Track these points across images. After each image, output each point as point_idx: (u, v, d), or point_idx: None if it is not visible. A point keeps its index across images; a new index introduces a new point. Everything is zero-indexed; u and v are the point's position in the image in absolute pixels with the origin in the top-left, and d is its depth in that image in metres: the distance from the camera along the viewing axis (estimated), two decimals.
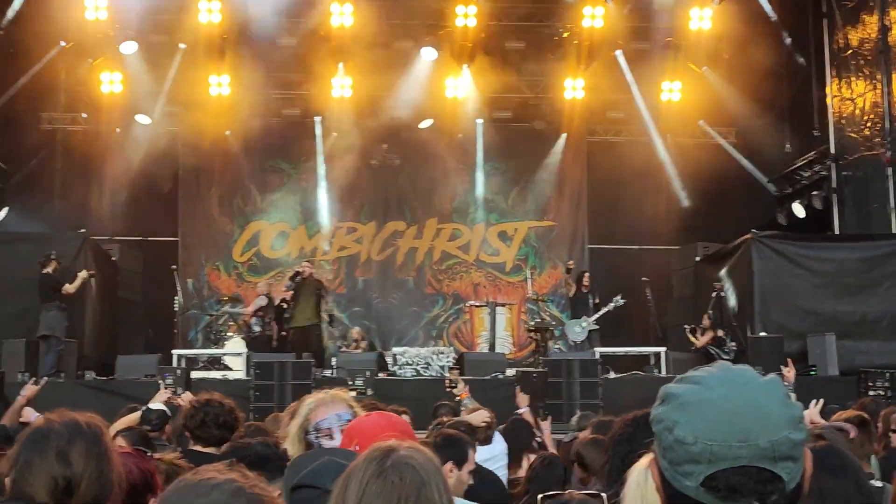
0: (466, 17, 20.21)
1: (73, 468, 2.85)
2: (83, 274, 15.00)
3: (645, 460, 1.81)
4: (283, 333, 17.49)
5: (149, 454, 3.13)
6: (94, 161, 21.16)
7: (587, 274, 18.35)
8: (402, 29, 20.94)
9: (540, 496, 3.23)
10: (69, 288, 14.75)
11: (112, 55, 20.47)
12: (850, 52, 18.48)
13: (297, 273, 16.76)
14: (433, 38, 20.80)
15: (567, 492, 3.29)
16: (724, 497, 1.64)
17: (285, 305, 17.42)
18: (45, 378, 11.43)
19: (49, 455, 2.88)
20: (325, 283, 18.12)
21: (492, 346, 18.05)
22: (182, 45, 20.54)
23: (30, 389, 7.85)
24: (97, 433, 3.01)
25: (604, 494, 2.88)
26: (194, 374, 14.42)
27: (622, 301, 16.88)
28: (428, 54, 20.81)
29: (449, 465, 4.87)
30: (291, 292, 16.94)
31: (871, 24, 17.63)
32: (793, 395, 1.73)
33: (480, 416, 7.93)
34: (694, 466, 1.64)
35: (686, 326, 16.29)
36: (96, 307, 16.40)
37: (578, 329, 16.97)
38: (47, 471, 2.85)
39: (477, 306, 19.96)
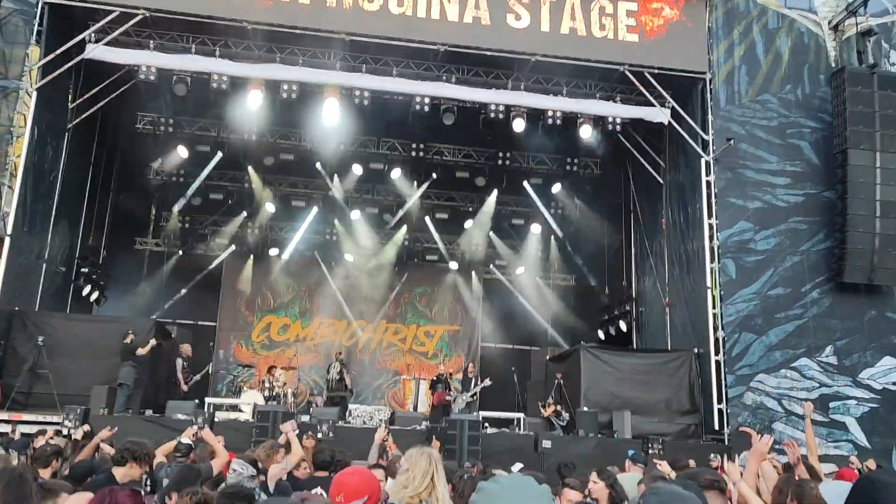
0: (411, 197, 20.70)
1: None
2: (152, 342, 14.47)
3: None
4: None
5: (142, 493, 2.88)
6: (163, 272, 21.02)
7: (471, 365, 18.33)
8: (372, 201, 21.34)
9: None
10: (142, 350, 14.17)
11: (184, 206, 20.49)
12: (645, 243, 19.00)
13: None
14: (390, 208, 21.20)
15: None
16: None
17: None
18: (116, 428, 11.05)
19: None
20: None
21: (415, 407, 17.87)
22: (230, 201, 20.67)
23: (104, 433, 7.29)
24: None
25: None
26: (218, 416, 14.09)
27: (489, 382, 16.44)
28: (386, 218, 21.19)
29: None
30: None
31: (659, 226, 18.24)
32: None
33: (380, 435, 7.68)
34: None
35: (540, 403, 16.17)
36: (157, 367, 15.97)
37: (461, 401, 16.71)
38: None
39: (407, 379, 19.85)
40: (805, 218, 15.69)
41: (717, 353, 15.14)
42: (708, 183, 15.77)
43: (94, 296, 19.13)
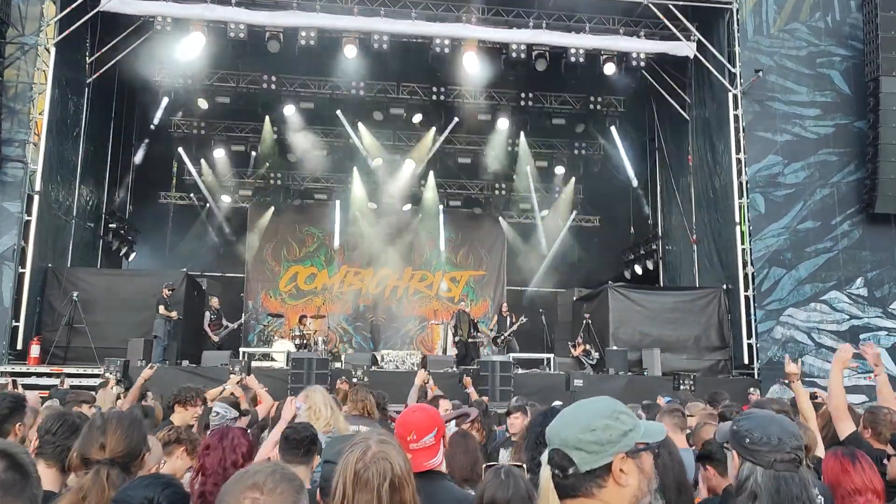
0: (434, 141, 20.49)
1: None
2: (174, 314, 14.45)
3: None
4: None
5: (248, 431, 2.95)
6: (192, 224, 21.13)
7: (505, 304, 18.35)
8: (393, 148, 21.15)
9: (484, 465, 3.12)
10: (163, 311, 14.26)
11: (206, 158, 20.53)
12: (671, 181, 18.77)
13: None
14: (413, 153, 21.01)
15: (501, 463, 3.03)
16: (549, 464, 1.74)
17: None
18: (157, 364, 11.17)
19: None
20: None
21: (444, 351, 18.01)
22: (253, 153, 20.69)
23: (146, 373, 7.22)
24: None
25: (524, 465, 2.76)
26: (252, 364, 14.30)
27: (525, 319, 16.66)
28: (409, 165, 21.01)
29: None
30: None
31: (685, 163, 17.98)
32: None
33: (421, 377, 7.79)
34: (546, 446, 1.77)
35: (569, 343, 16.24)
36: (192, 319, 16.14)
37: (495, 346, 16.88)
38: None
39: (435, 324, 19.97)
40: (835, 149, 15.37)
41: (746, 289, 15.07)
42: (735, 117, 15.46)
43: (123, 250, 19.33)
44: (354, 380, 12.78)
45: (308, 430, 3.34)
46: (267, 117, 19.71)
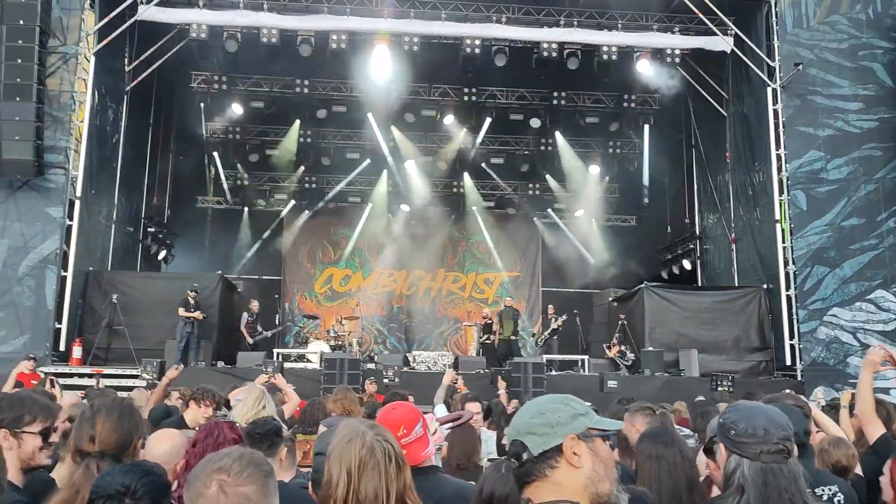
0: (466, 142, 20.48)
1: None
2: (196, 314, 14.38)
3: None
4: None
5: (237, 424, 3.00)
6: (229, 228, 21.45)
7: (551, 307, 18.00)
8: (425, 149, 21.13)
9: (486, 459, 3.08)
10: (181, 312, 14.25)
11: (242, 163, 20.82)
12: (709, 179, 18.48)
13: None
14: (445, 155, 21.01)
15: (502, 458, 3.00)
16: (508, 456, 1.75)
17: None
18: (182, 366, 11.18)
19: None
20: None
21: (478, 353, 17.93)
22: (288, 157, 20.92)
23: (171, 373, 7.32)
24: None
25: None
26: (286, 365, 14.42)
27: (566, 317, 16.43)
28: (441, 166, 21.02)
29: None
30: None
31: (723, 160, 17.69)
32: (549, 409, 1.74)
33: (449, 376, 7.73)
34: None
35: (604, 344, 16.05)
36: (228, 321, 16.36)
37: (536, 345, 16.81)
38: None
39: (468, 325, 19.90)
40: (880, 144, 14.90)
41: (787, 288, 14.72)
42: (775, 112, 15.13)
43: (162, 254, 19.70)
44: (385, 381, 12.86)
45: (270, 423, 3.34)
46: (297, 121, 19.91)
